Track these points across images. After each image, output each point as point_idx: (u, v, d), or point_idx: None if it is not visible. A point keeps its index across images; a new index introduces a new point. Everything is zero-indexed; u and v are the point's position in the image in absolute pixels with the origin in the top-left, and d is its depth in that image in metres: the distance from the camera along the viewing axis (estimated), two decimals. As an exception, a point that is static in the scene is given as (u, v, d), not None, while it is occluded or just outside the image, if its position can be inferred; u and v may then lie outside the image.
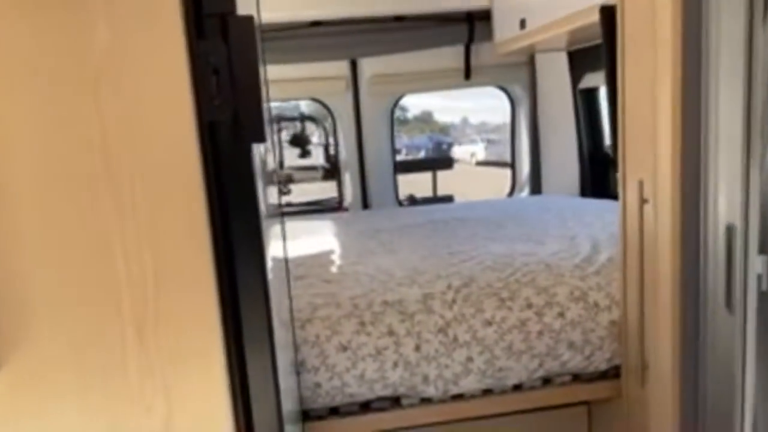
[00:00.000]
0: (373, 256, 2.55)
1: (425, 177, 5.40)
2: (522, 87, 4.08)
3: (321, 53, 3.76)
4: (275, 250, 1.67)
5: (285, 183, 4.33)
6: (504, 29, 3.46)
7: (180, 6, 0.86)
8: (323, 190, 4.73)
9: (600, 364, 1.93)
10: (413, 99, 4.80)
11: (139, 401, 0.92)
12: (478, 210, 3.48)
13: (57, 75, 0.84)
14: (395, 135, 4.29)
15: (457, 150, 25.12)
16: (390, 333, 1.83)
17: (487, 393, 1.93)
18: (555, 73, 3.86)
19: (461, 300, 1.93)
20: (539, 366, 1.90)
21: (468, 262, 2.30)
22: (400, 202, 4.29)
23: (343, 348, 1.79)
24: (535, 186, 4.10)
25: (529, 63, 3.94)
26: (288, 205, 4.58)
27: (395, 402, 1.89)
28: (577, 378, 1.97)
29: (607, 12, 2.21)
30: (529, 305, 1.92)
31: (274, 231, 1.74)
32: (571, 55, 3.75)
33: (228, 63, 0.92)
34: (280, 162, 4.45)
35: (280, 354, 1.62)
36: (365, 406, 1.88)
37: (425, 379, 1.83)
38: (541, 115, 3.99)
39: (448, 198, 4.60)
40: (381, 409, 1.87)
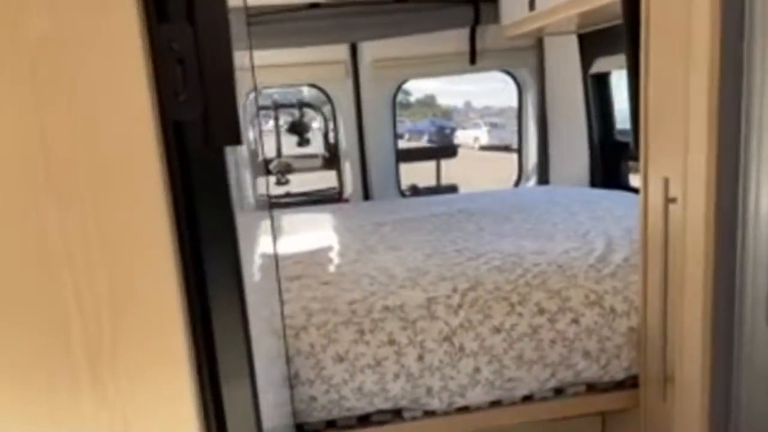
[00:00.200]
0: (374, 253, 2.41)
1: (428, 164, 5.25)
2: (529, 72, 3.90)
3: (319, 37, 3.58)
4: (265, 247, 1.55)
5: (283, 173, 4.18)
6: (512, 11, 3.27)
7: (135, -18, 0.71)
8: (323, 179, 4.59)
9: (617, 373, 1.80)
10: (415, 82, 4.61)
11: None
12: (483, 201, 3.33)
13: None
14: (397, 119, 4.11)
15: (460, 134, 24.91)
16: (391, 342, 1.69)
17: (495, 404, 1.80)
18: (564, 57, 3.68)
19: (468, 305, 1.79)
20: (551, 376, 1.76)
21: (474, 261, 2.16)
22: (402, 192, 4.14)
23: (340, 359, 1.66)
24: (543, 175, 3.94)
25: (537, 46, 3.76)
26: (286, 195, 4.44)
27: (396, 414, 1.76)
28: (592, 388, 1.84)
29: None
30: (541, 311, 1.78)
31: (263, 227, 1.61)
32: (582, 39, 3.57)
33: (195, 51, 0.77)
34: (277, 150, 4.30)
35: (270, 367, 1.49)
36: (364, 419, 1.75)
37: (429, 392, 1.70)
38: (550, 102, 3.83)
39: (452, 188, 4.44)
40: (381, 423, 1.74)
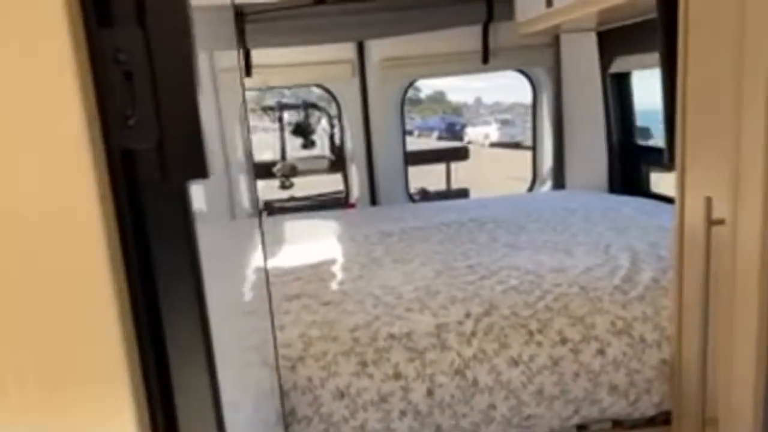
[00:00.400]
0: (380, 267, 2.25)
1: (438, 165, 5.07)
2: (545, 71, 3.71)
3: (325, 35, 3.42)
4: (255, 268, 1.40)
5: (287, 176, 4.03)
6: (527, 7, 3.09)
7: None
8: (330, 182, 4.43)
9: (647, 409, 1.63)
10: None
11: None
12: (495, 208, 3.16)
13: None
14: (406, 116, 3.95)
15: (470, 131, 24.66)
16: (396, 375, 1.53)
17: (512, 442, 1.64)
18: (582, 56, 3.50)
19: (482, 333, 1.62)
20: (574, 413, 1.60)
21: (488, 279, 1.99)
22: (411, 196, 3.97)
23: (341, 394, 1.50)
24: (558, 180, 3.75)
25: (554, 45, 3.57)
26: (291, 200, 4.29)
27: (403, 452, 1.61)
28: (619, 425, 1.67)
29: None
30: (563, 340, 1.61)
31: (254, 242, 1.46)
32: (602, 36, 3.38)
33: (148, 62, 0.62)
34: (282, 152, 4.15)
35: (261, 403, 1.34)
36: (368, 457, 1.59)
37: (438, 431, 1.54)
38: (566, 102, 3.64)
39: (462, 192, 4.27)
40: (386, 462, 1.59)
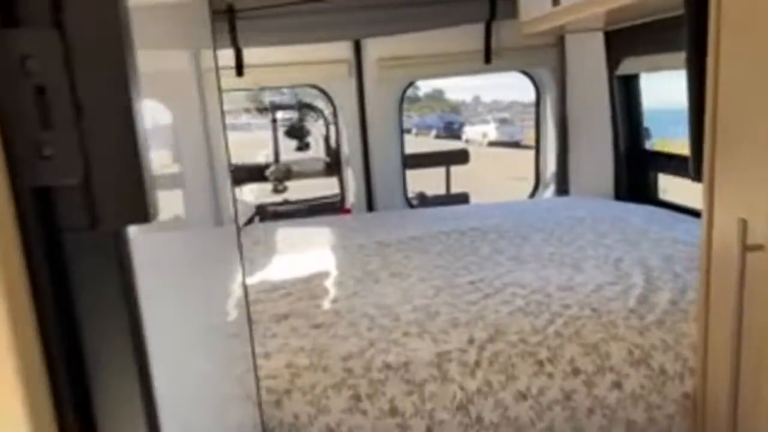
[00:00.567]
0: (376, 282, 2.11)
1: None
2: (549, 72, 3.57)
3: (320, 33, 3.26)
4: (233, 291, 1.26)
5: (281, 180, 3.89)
6: (532, 6, 2.94)
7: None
8: (325, 185, 4.29)
9: (667, 447, 1.49)
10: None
11: None
12: (497, 217, 3.02)
13: None
14: (404, 114, 3.79)
15: (469, 130, 24.53)
16: (392, 411, 1.39)
17: (519, 482, 1.50)
18: (588, 57, 3.36)
19: (486, 362, 1.48)
20: (588, 451, 1.46)
21: (492, 298, 1.85)
22: (409, 201, 3.83)
23: (331, 433, 1.36)
24: (562, 185, 3.62)
25: (558, 45, 3.43)
26: (285, 203, 4.14)
27: (400, 494, 1.47)
28: (636, 463, 1.54)
29: None
30: (575, 371, 1.47)
31: (231, 259, 1.31)
32: (609, 37, 3.24)
33: (67, 74, 0.47)
34: (275, 155, 4.01)
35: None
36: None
37: (439, 473, 1.41)
38: (571, 105, 3.50)
39: (462, 197, 4.12)
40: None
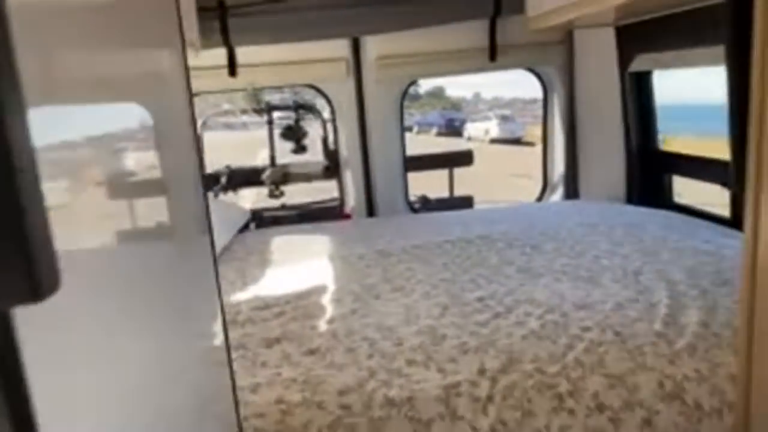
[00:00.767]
0: (376, 298, 1.96)
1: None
2: (557, 69, 3.41)
3: (316, 30, 3.10)
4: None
5: (277, 184, 3.73)
6: (540, 0, 2.79)
7: None
8: (324, 188, 4.14)
9: (703, 491, 1.34)
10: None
11: None
12: (504, 222, 2.86)
13: None
14: (405, 111, 3.63)
15: (470, 127, 24.38)
16: (396, 456, 1.24)
17: None
18: (598, 54, 3.20)
19: (500, 397, 1.33)
20: (615, 497, 1.31)
21: (503, 318, 1.69)
22: (411, 205, 3.67)
23: (326, 482, 1.21)
24: (571, 188, 3.46)
25: (567, 41, 3.27)
26: (283, 208, 3.99)
27: None
28: (668, 508, 1.38)
29: None
30: (600, 407, 1.32)
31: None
32: (621, 32, 3.08)
33: None
34: (271, 159, 3.85)
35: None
36: None
37: None
38: (580, 104, 3.34)
39: (466, 200, 3.96)
40: None
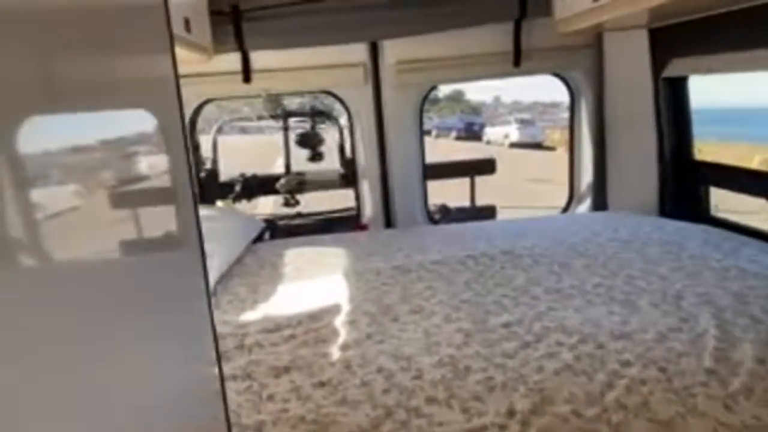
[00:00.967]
0: (394, 322, 1.82)
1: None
2: (585, 74, 3.25)
3: (333, 35, 2.99)
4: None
5: (292, 193, 3.62)
6: (568, 2, 2.64)
7: None
8: (340, 196, 4.01)
9: None
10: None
11: None
12: (530, 237, 2.70)
13: None
14: (424, 115, 3.49)
15: (490, 131, 24.16)
16: None
17: None
18: (630, 58, 3.03)
19: (532, 445, 1.18)
20: None
21: (532, 348, 1.55)
22: (430, 215, 3.53)
23: None
24: (599, 199, 3.28)
25: (596, 44, 3.10)
26: (298, 216, 3.87)
27: None
28: None
29: None
30: (647, 459, 1.16)
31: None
32: (654, 34, 2.91)
33: None
34: (286, 167, 3.74)
35: None
36: None
37: None
38: (609, 110, 3.17)
39: (489, 210, 3.81)
40: None
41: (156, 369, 0.79)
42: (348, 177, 3.64)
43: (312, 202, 4.02)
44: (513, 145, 21.56)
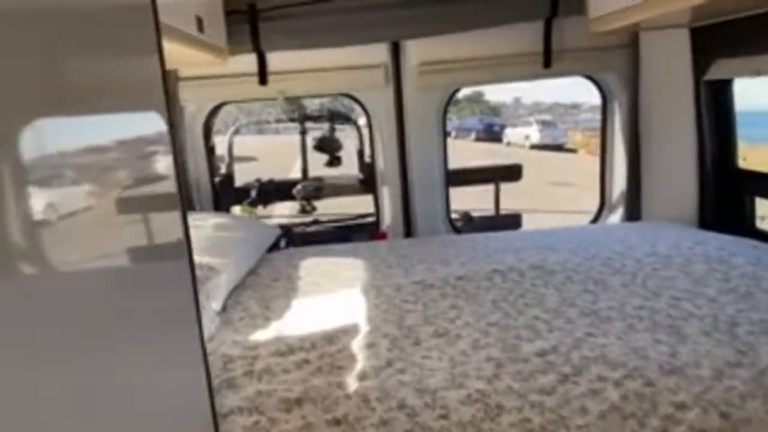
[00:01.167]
0: (416, 346, 1.67)
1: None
2: (619, 76, 3.06)
3: (352, 35, 2.85)
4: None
5: (309, 199, 3.49)
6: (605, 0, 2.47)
7: None
8: (358, 201, 3.88)
9: None
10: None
11: None
12: (561, 248, 2.53)
13: None
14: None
15: (510, 132, 23.90)
16: None
17: None
18: (669, 59, 2.84)
19: (578, 507, 1.03)
20: None
21: (572, 383, 1.38)
22: (453, 224, 3.38)
23: None
24: (633, 209, 3.10)
25: (632, 45, 2.92)
26: (315, 222, 3.75)
27: None
28: None
29: None
30: None
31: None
32: (696, 34, 2.72)
33: None
34: (303, 172, 3.61)
35: None
36: None
37: None
38: (645, 114, 2.98)
39: (514, 218, 3.63)
40: None
41: (135, 403, 0.68)
42: (367, 182, 3.50)
43: (330, 204, 3.90)
44: (534, 147, 21.28)
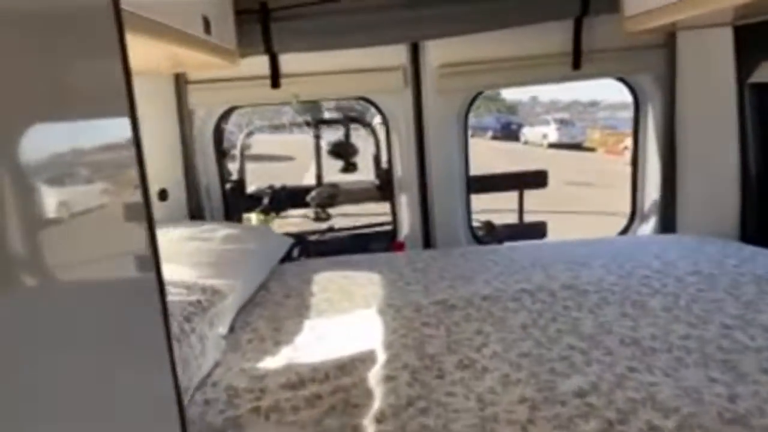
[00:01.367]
0: (439, 380, 1.52)
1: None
2: (653, 78, 2.87)
3: (370, 35, 2.69)
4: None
5: (323, 206, 3.34)
6: (642, -5, 2.28)
7: None
8: (375, 207, 3.74)
9: None
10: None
11: None
12: (592, 263, 2.36)
13: None
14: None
15: (527, 131, 23.61)
16: None
17: None
18: (709, 60, 2.65)
19: None
20: None
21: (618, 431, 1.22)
22: (474, 233, 3.21)
23: None
24: (667, 220, 2.90)
25: (668, 45, 2.73)
26: (330, 230, 3.60)
27: None
28: None
29: None
30: None
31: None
32: (740, 33, 2.52)
33: None
34: (317, 178, 3.47)
35: None
36: None
37: None
38: (681, 118, 2.79)
39: (539, 227, 3.45)
40: None
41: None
42: (384, 189, 3.35)
43: (348, 211, 3.77)
44: (551, 146, 20.97)
